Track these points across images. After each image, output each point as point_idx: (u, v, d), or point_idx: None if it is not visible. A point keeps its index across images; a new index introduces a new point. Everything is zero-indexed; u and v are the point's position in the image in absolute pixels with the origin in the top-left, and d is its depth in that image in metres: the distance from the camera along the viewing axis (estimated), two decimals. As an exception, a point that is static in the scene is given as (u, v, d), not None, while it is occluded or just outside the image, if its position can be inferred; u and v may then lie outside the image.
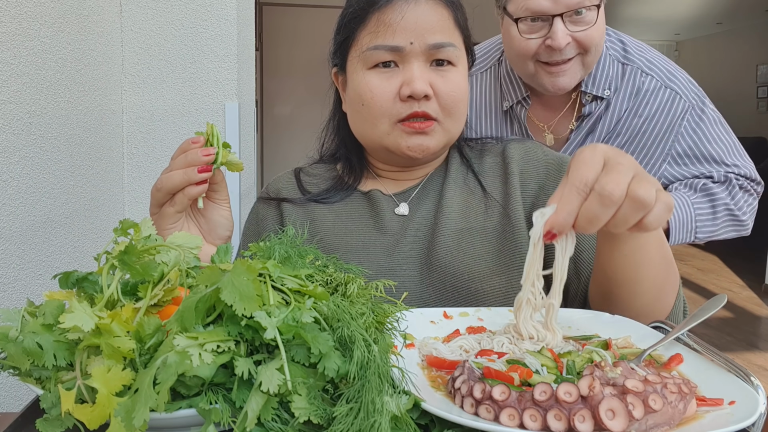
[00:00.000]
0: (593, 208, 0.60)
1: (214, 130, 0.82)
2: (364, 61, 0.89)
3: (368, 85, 0.89)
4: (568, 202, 0.62)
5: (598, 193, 0.60)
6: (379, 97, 0.88)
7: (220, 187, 0.86)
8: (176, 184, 0.80)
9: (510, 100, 1.37)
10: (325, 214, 0.98)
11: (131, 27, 1.71)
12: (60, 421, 0.51)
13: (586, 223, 0.61)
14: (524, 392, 0.51)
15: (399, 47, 0.87)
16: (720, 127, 1.32)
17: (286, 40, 5.72)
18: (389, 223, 0.96)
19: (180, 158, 0.81)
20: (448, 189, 0.96)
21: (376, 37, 0.88)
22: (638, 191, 0.60)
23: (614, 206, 0.60)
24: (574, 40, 1.20)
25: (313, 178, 1.04)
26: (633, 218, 0.61)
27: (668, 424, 0.50)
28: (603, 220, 0.61)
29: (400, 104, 0.88)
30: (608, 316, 0.76)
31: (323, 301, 0.57)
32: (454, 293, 0.88)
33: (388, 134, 0.90)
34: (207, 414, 0.49)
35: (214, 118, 1.75)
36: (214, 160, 0.80)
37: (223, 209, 0.87)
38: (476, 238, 0.91)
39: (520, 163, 0.96)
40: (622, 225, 0.62)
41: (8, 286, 1.21)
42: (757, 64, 7.69)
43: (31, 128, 1.27)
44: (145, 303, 0.56)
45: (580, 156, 0.63)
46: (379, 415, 0.48)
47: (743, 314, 4.46)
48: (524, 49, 1.23)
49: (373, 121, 0.90)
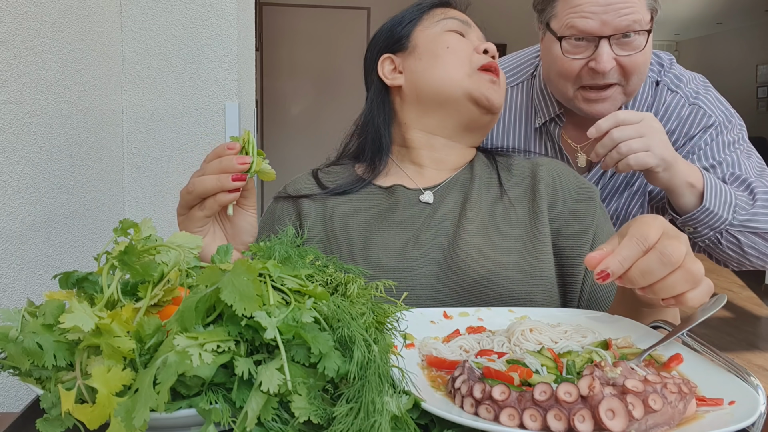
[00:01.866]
0: (651, 264, 0.62)
1: (250, 137, 0.81)
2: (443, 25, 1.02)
3: (449, 40, 1.01)
4: (627, 249, 0.63)
5: (660, 251, 0.62)
6: (460, 47, 1.00)
7: (250, 194, 0.86)
8: (208, 189, 0.79)
9: (543, 117, 1.29)
10: (344, 209, 0.98)
11: (131, 27, 1.71)
12: (60, 421, 0.51)
13: (640, 275, 0.63)
14: (524, 392, 0.51)
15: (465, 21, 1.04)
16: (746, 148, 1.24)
17: (286, 40, 5.72)
18: (411, 214, 0.96)
19: (214, 163, 0.80)
20: (474, 192, 0.97)
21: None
22: (692, 265, 0.63)
23: (671, 267, 0.62)
24: (618, 65, 1.13)
25: (332, 177, 1.05)
26: (681, 288, 0.63)
27: (668, 424, 0.50)
28: (656, 277, 0.62)
29: (476, 56, 1.00)
30: (608, 316, 0.76)
31: (323, 301, 0.57)
32: (471, 297, 0.88)
33: (469, 76, 0.98)
34: (207, 414, 0.49)
35: (214, 118, 1.75)
36: (248, 168, 0.79)
37: (250, 215, 0.87)
38: (498, 246, 0.91)
39: (550, 184, 0.97)
40: (669, 291, 0.63)
41: (8, 286, 1.21)
42: (757, 64, 7.69)
43: (31, 128, 1.27)
44: (145, 303, 0.56)
45: (642, 218, 0.65)
46: (379, 415, 0.48)
47: (743, 314, 4.46)
48: (566, 70, 1.16)
49: (458, 65, 0.98)
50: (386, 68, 1.05)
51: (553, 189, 0.96)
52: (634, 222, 0.65)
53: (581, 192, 0.96)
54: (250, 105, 1.91)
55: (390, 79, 1.04)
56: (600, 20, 1.11)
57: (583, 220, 0.94)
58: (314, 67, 5.66)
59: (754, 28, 7.72)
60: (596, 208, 0.95)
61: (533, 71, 1.35)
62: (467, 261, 0.89)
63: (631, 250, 0.63)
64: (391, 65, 1.04)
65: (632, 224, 0.65)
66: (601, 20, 1.10)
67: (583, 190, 0.97)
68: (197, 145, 1.76)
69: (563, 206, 0.95)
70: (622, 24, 1.10)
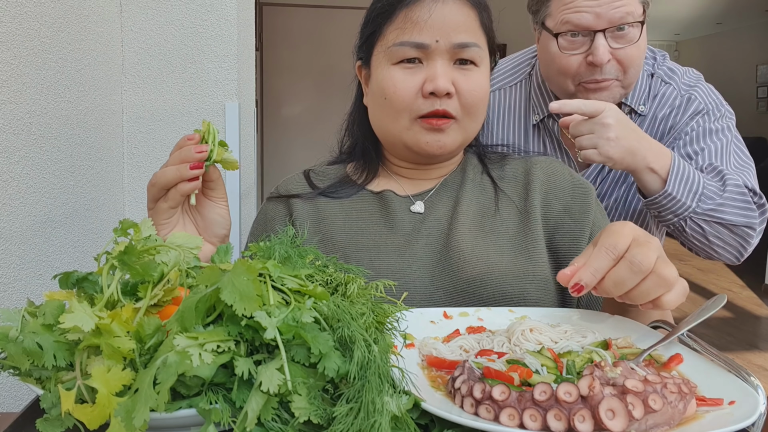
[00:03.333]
0: (622, 273, 0.63)
1: (210, 127, 0.82)
2: (389, 56, 0.91)
3: (392, 80, 0.90)
4: (597, 260, 0.64)
5: (629, 260, 0.63)
6: (401, 91, 0.89)
7: (217, 185, 0.86)
8: (169, 180, 0.80)
9: (540, 114, 1.33)
10: (335, 212, 0.97)
11: (131, 27, 1.71)
12: (60, 421, 0.51)
13: (612, 285, 0.64)
14: (524, 392, 0.51)
15: (425, 44, 0.88)
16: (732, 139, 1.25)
17: (286, 40, 5.71)
18: (402, 222, 0.96)
19: (175, 154, 0.81)
20: (465, 194, 0.96)
21: (403, 33, 0.89)
22: (663, 270, 0.63)
23: (641, 275, 0.63)
24: (615, 59, 1.17)
25: (323, 176, 1.05)
26: (654, 293, 0.64)
27: (668, 424, 0.50)
28: (629, 285, 0.63)
29: (421, 101, 0.89)
30: (608, 316, 0.76)
31: (323, 301, 0.57)
32: (465, 297, 0.88)
33: (407, 129, 0.91)
34: (207, 414, 0.49)
35: (214, 118, 1.75)
36: (207, 157, 0.80)
37: (219, 207, 0.87)
38: (491, 246, 0.91)
39: (545, 183, 0.97)
40: (644, 297, 0.64)
41: (8, 286, 1.21)
42: (757, 64, 7.69)
43: (31, 128, 1.27)
44: (145, 303, 0.56)
45: (611, 227, 0.66)
46: (380, 415, 0.48)
47: (743, 314, 4.46)
48: (565, 66, 1.19)
49: (395, 115, 0.91)
50: (362, 73, 1.01)
51: (548, 187, 0.96)
52: (604, 232, 0.67)
53: (576, 189, 0.96)
54: (250, 105, 1.91)
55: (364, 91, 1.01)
56: (594, 13, 1.14)
57: (579, 218, 0.94)
58: (314, 67, 5.66)
59: (754, 28, 7.72)
60: (592, 205, 0.95)
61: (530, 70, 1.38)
62: (460, 263, 0.89)
63: (601, 261, 0.64)
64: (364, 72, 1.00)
65: (602, 234, 0.66)
66: (594, 13, 1.14)
67: (578, 187, 0.97)
68: (197, 145, 1.75)
69: (558, 204, 0.95)
70: (616, 16, 1.14)
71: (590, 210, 0.95)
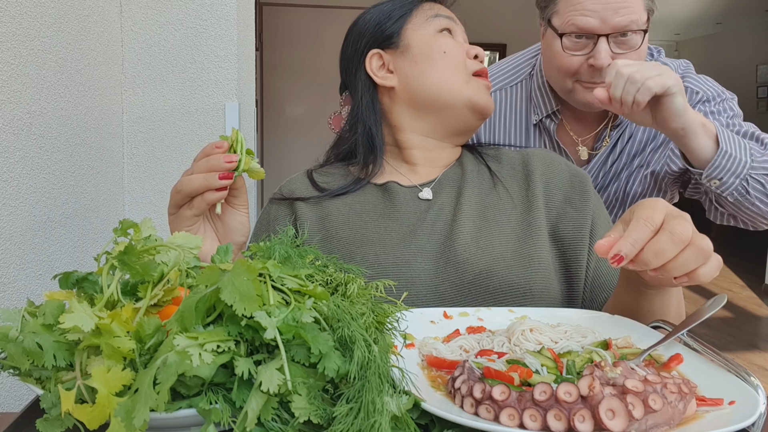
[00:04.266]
0: (663, 244, 0.62)
1: (239, 136, 0.80)
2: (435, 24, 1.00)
3: (445, 43, 0.99)
4: (636, 231, 0.63)
5: (669, 231, 0.62)
6: (456, 52, 0.99)
7: (240, 193, 0.85)
8: (196, 188, 0.79)
9: (539, 114, 1.34)
10: (339, 209, 0.98)
11: (131, 27, 1.71)
12: (60, 421, 0.51)
13: (653, 255, 0.63)
14: (524, 392, 0.51)
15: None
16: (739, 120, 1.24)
17: (286, 40, 5.71)
18: (406, 209, 0.96)
19: (202, 162, 0.80)
20: (467, 185, 0.97)
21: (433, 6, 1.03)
22: (701, 242, 0.63)
23: (681, 245, 0.62)
24: None
25: (326, 177, 1.05)
26: (693, 264, 0.63)
27: (668, 424, 0.50)
28: (669, 256, 0.63)
29: (470, 61, 1.00)
30: (608, 316, 0.76)
31: (323, 301, 0.57)
32: (471, 289, 0.88)
33: (467, 83, 0.98)
34: (207, 414, 0.49)
35: (214, 118, 1.75)
36: (236, 167, 0.79)
37: (241, 215, 0.86)
38: (495, 237, 0.92)
39: (545, 173, 0.98)
40: (682, 268, 0.63)
41: (8, 286, 1.21)
42: (757, 64, 7.69)
43: (31, 128, 1.27)
44: (145, 303, 0.56)
45: (645, 202, 0.66)
46: (380, 415, 0.48)
47: (743, 314, 4.47)
48: (566, 66, 1.21)
49: (456, 69, 0.98)
50: (374, 64, 1.02)
51: (547, 178, 0.98)
52: (638, 206, 0.66)
53: (574, 179, 0.98)
54: (250, 105, 1.91)
55: (380, 77, 1.01)
56: (599, 18, 1.14)
57: (580, 207, 0.95)
58: (314, 67, 5.66)
59: (754, 28, 7.72)
60: (591, 193, 0.97)
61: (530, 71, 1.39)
62: (466, 254, 0.90)
63: (641, 233, 0.63)
64: (380, 61, 1.02)
65: (636, 209, 0.66)
66: (600, 18, 1.14)
67: (576, 176, 0.98)
68: (197, 145, 1.76)
69: (559, 194, 0.96)
70: (621, 23, 1.14)
71: (590, 198, 0.96)
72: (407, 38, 1.01)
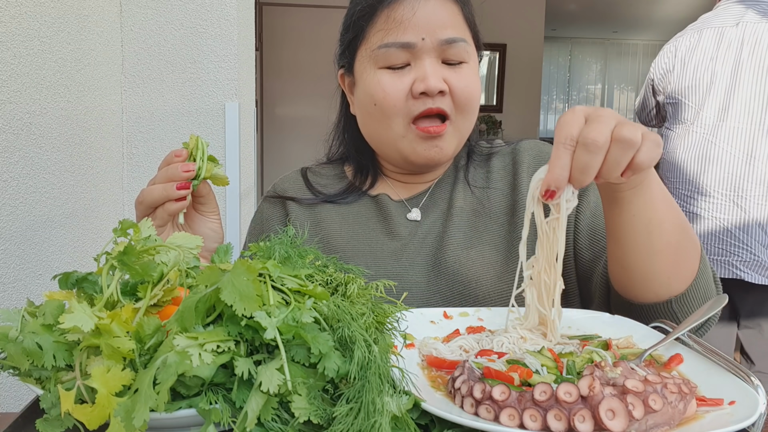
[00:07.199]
0: (582, 158, 0.61)
1: (198, 142, 0.78)
2: (374, 59, 0.87)
3: (380, 84, 0.86)
4: (558, 158, 0.62)
5: (582, 143, 0.61)
6: (392, 95, 0.86)
7: (207, 200, 0.84)
8: (156, 199, 0.77)
9: None
10: (332, 215, 0.97)
11: (131, 27, 1.71)
12: (60, 421, 0.51)
13: (579, 173, 0.62)
14: (524, 392, 0.51)
15: (411, 43, 0.85)
16: None
17: (286, 40, 5.71)
18: (399, 228, 0.95)
19: (162, 172, 0.78)
20: (457, 196, 0.96)
21: (387, 34, 0.86)
22: (622, 132, 0.61)
23: (601, 152, 0.61)
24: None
25: (320, 178, 1.04)
26: (623, 159, 0.62)
27: (668, 424, 0.50)
28: (594, 167, 0.61)
29: (413, 102, 0.86)
30: (608, 316, 0.76)
31: (323, 301, 0.57)
32: (461, 299, 0.88)
33: (402, 137, 0.88)
34: (207, 414, 0.49)
35: (214, 118, 1.75)
36: (195, 175, 0.77)
37: (211, 221, 0.85)
38: (485, 246, 0.91)
39: (532, 165, 0.96)
40: (615, 168, 0.62)
41: (8, 286, 1.21)
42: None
43: (31, 128, 1.27)
44: (145, 303, 0.56)
45: (562, 118, 0.64)
46: (380, 416, 0.48)
47: (743, 314, 4.45)
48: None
49: (387, 121, 0.88)
50: (346, 81, 0.98)
51: (535, 168, 0.95)
52: (557, 125, 0.65)
53: None
54: (250, 105, 1.91)
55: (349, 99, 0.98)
56: None
57: None
58: (314, 67, 5.65)
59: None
60: None
61: None
62: (456, 265, 0.89)
63: (561, 157, 0.62)
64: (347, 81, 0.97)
65: (556, 128, 0.64)
66: None
67: None
68: (197, 145, 1.75)
69: None
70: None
71: None
72: (357, 70, 0.92)
